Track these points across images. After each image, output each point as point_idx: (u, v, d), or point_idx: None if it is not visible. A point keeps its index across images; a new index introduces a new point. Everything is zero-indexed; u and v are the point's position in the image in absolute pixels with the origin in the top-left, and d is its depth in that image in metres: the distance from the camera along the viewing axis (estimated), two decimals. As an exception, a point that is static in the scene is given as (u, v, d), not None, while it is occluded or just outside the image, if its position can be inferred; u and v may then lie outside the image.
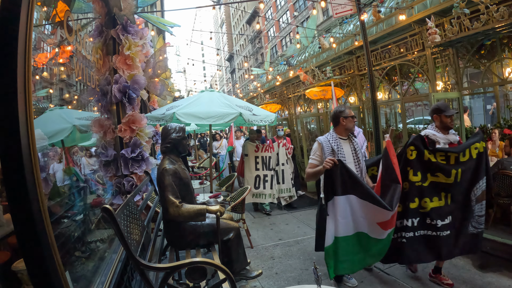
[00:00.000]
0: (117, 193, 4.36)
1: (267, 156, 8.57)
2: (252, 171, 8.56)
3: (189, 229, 3.97)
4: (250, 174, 8.57)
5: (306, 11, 37.66)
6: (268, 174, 8.55)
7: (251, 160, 8.55)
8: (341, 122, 4.28)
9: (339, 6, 9.15)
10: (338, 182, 3.78)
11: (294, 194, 9.01)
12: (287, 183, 8.87)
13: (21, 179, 1.64)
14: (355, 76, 9.75)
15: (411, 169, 4.07)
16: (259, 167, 8.57)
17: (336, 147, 4.19)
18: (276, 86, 16.03)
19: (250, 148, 8.61)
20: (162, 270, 2.79)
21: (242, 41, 65.69)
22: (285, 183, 8.85)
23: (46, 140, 2.77)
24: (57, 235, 2.58)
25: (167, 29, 5.48)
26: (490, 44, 6.42)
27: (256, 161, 8.54)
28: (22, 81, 1.65)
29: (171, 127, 4.19)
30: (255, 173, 8.54)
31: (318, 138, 4.37)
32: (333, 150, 4.17)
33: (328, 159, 3.81)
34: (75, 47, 3.53)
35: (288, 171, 8.89)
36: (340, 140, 4.29)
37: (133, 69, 4.46)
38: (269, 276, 4.88)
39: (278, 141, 8.86)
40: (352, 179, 3.81)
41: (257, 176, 8.54)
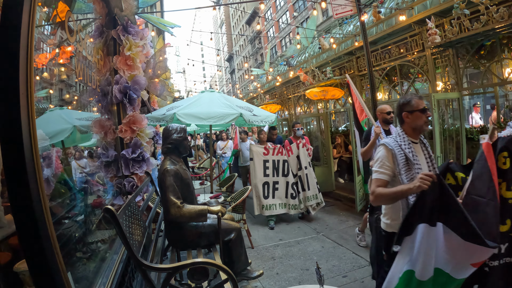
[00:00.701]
0: (118, 194, 4.36)
1: (280, 160, 7.54)
2: (259, 177, 7.44)
3: (190, 230, 3.97)
4: (256, 181, 7.45)
5: (306, 11, 37.65)
6: (279, 181, 7.52)
7: (257, 165, 7.46)
8: (404, 119, 3.00)
9: (339, 6, 9.14)
10: (430, 207, 2.53)
11: (322, 200, 7.79)
12: (312, 188, 7.66)
13: (23, 179, 1.64)
14: (355, 76, 9.76)
15: (503, 181, 2.89)
16: (269, 172, 7.49)
17: (411, 155, 2.87)
18: (276, 87, 16.05)
19: (256, 151, 7.53)
20: (164, 270, 2.79)
21: (241, 41, 65.70)
22: (311, 189, 7.64)
23: (48, 141, 2.77)
24: (59, 235, 2.58)
25: (168, 30, 5.49)
26: (490, 44, 6.43)
27: (265, 166, 7.48)
28: (24, 82, 1.65)
29: (172, 127, 4.19)
30: (263, 179, 7.46)
31: (384, 141, 3.00)
32: (408, 158, 2.87)
33: (423, 174, 2.47)
34: (76, 48, 3.53)
35: (312, 175, 7.73)
36: (412, 144, 2.98)
37: (134, 69, 4.47)
38: (270, 276, 4.88)
39: (296, 142, 7.69)
40: (449, 203, 2.50)
41: (265, 183, 7.47)
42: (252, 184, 7.43)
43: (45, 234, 1.74)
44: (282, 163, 7.53)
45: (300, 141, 7.69)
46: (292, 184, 7.53)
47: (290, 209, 7.52)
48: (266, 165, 7.46)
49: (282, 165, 7.54)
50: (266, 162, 7.46)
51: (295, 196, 7.51)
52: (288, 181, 7.53)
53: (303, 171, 7.62)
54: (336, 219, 7.49)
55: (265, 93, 17.71)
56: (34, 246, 1.72)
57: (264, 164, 7.45)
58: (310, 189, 7.60)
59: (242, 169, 10.50)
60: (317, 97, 10.50)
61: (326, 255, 5.53)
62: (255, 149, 7.54)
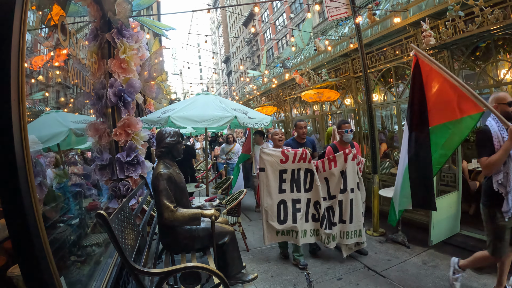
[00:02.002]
0: (113, 197, 4.35)
1: (301, 169, 5.38)
2: (274, 194, 5.29)
3: (184, 233, 3.97)
4: (270, 199, 5.28)
5: (302, 13, 37.73)
6: (301, 198, 5.33)
7: (272, 178, 5.29)
8: None
9: (334, 9, 9.16)
10: None
11: (364, 240, 5.50)
12: (356, 221, 5.36)
13: (15, 184, 1.65)
14: (351, 78, 9.78)
15: None
16: (286, 187, 5.32)
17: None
18: (272, 89, 16.06)
19: (270, 159, 5.31)
20: (156, 275, 2.78)
21: (238, 43, 65.73)
22: (354, 222, 5.34)
23: (41, 145, 2.76)
24: (52, 240, 2.58)
25: (162, 33, 5.48)
26: (485, 46, 6.45)
27: (281, 178, 5.33)
28: (15, 88, 1.66)
29: (166, 131, 4.20)
30: (279, 197, 5.29)
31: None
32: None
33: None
34: (70, 51, 3.53)
35: (359, 201, 5.41)
36: None
37: (128, 72, 4.46)
38: (265, 279, 4.89)
39: (344, 151, 5.37)
40: None
41: (282, 203, 5.30)
42: (263, 204, 5.34)
43: (37, 239, 1.75)
44: (304, 174, 5.39)
45: (350, 151, 5.36)
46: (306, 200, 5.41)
47: (326, 240, 5.32)
48: (283, 176, 5.33)
49: (304, 176, 5.40)
50: (283, 172, 5.32)
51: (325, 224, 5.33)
52: (309, 198, 5.40)
53: (348, 194, 5.32)
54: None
55: (261, 95, 17.72)
56: (26, 251, 1.72)
57: (281, 176, 5.32)
58: (353, 222, 5.36)
59: (255, 180, 8.83)
60: (312, 99, 10.50)
61: (321, 257, 5.54)
62: (268, 155, 5.33)
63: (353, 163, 5.36)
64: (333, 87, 10.50)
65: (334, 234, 5.30)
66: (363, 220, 5.41)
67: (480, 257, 3.90)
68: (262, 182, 5.34)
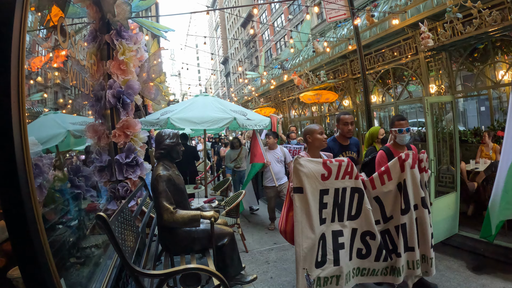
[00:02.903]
0: (112, 199, 4.35)
1: (347, 189, 3.67)
2: (316, 226, 3.46)
3: (183, 235, 3.97)
4: (312, 234, 3.43)
5: (300, 14, 37.70)
6: (344, 229, 3.65)
7: (312, 201, 3.47)
8: None
9: (332, 10, 9.18)
10: None
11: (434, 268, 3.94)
12: (424, 244, 3.89)
13: (15, 186, 1.65)
14: (349, 80, 9.81)
15: None
16: (327, 214, 3.57)
17: None
18: (271, 90, 16.10)
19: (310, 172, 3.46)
20: (156, 276, 2.78)
21: (236, 44, 65.74)
22: (422, 245, 3.88)
23: (40, 146, 2.76)
24: (52, 241, 2.57)
25: (161, 34, 5.49)
26: (483, 47, 6.48)
27: (322, 202, 3.55)
28: (15, 90, 1.66)
29: (165, 133, 4.20)
30: (320, 230, 3.50)
31: None
32: None
33: None
34: (69, 52, 3.53)
35: (427, 220, 3.89)
36: None
37: (127, 74, 4.47)
38: (264, 281, 4.88)
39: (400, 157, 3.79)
40: None
41: (322, 237, 3.53)
42: (299, 243, 3.37)
43: (37, 241, 1.75)
44: (349, 195, 3.68)
45: (407, 154, 3.78)
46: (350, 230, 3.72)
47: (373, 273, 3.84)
48: (324, 199, 3.56)
49: (350, 198, 3.70)
50: (324, 194, 3.56)
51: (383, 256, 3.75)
52: (355, 228, 3.74)
53: (412, 214, 3.79)
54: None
55: (259, 96, 17.74)
56: (26, 252, 1.72)
57: (321, 199, 3.54)
58: (420, 246, 3.88)
59: (269, 191, 7.37)
60: (311, 101, 10.54)
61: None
62: (307, 168, 3.45)
63: (413, 172, 3.84)
64: (331, 89, 10.54)
65: (400, 267, 3.75)
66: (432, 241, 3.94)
67: None
68: (299, 211, 3.39)
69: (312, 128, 3.96)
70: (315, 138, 3.91)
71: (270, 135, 7.60)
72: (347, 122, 4.73)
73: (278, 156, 7.37)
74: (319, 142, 3.90)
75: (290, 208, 3.75)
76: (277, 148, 7.54)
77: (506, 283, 4.23)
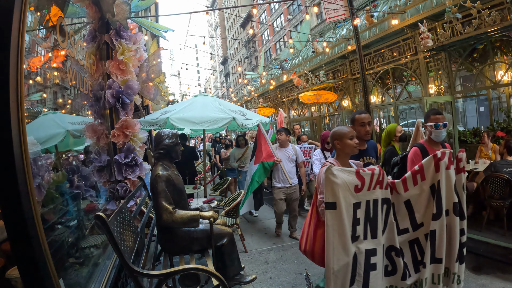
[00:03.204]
0: (111, 199, 4.34)
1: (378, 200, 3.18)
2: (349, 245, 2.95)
3: (182, 235, 3.97)
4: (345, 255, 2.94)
5: (300, 14, 37.69)
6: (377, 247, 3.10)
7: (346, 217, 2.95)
8: None
9: (332, 10, 9.18)
10: None
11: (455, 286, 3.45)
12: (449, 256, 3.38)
13: (14, 186, 1.64)
14: (349, 80, 9.82)
15: None
16: (360, 231, 3.05)
17: None
18: (270, 90, 16.11)
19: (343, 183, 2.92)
20: (155, 277, 2.78)
21: (236, 44, 65.74)
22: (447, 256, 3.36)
23: (38, 146, 2.76)
24: (51, 241, 2.57)
25: (160, 34, 5.48)
26: (482, 47, 6.49)
27: (355, 218, 3.03)
28: (14, 90, 1.65)
29: (164, 133, 4.20)
30: (352, 249, 2.98)
31: None
32: None
33: None
34: (69, 52, 3.53)
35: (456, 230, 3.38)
36: None
37: (127, 74, 4.46)
38: (263, 281, 4.88)
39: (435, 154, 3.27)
40: None
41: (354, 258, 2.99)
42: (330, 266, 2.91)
43: (36, 241, 1.74)
44: (380, 207, 3.19)
45: (443, 152, 3.27)
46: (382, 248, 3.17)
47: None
48: (357, 214, 3.06)
49: (381, 210, 3.19)
50: (357, 207, 3.07)
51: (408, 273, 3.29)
52: (384, 244, 3.19)
53: (443, 221, 3.28)
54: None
55: (259, 97, 17.75)
56: (25, 252, 1.72)
57: (354, 214, 3.05)
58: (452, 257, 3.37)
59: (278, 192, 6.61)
60: (310, 101, 10.54)
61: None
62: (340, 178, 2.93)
63: (448, 173, 3.31)
64: (331, 89, 10.55)
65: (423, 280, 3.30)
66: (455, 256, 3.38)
67: None
68: (331, 230, 2.90)
69: (341, 132, 3.35)
70: (345, 144, 3.33)
71: (282, 131, 6.83)
72: (364, 122, 4.06)
73: (289, 155, 6.63)
74: (350, 148, 3.33)
75: (318, 225, 3.21)
76: (289, 146, 6.83)
77: (505, 283, 4.24)
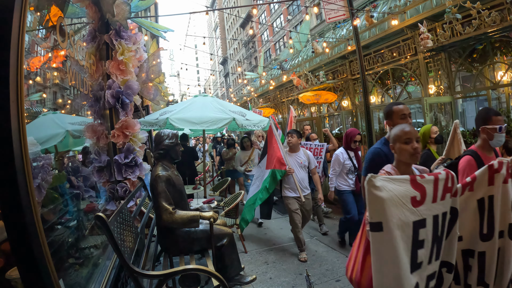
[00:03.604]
0: (111, 199, 4.34)
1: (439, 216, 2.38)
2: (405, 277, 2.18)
3: (182, 235, 3.97)
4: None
5: (299, 14, 37.71)
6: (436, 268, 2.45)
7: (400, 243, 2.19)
8: None
9: (332, 11, 9.19)
10: None
11: None
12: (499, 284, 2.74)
13: (14, 186, 1.64)
14: (348, 80, 9.81)
15: None
16: (423, 256, 2.29)
17: None
18: (270, 90, 16.11)
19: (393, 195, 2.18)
20: (156, 277, 2.78)
21: (236, 44, 65.75)
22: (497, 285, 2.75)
23: (38, 146, 2.75)
24: (50, 242, 2.56)
25: (160, 34, 5.48)
26: (482, 48, 6.49)
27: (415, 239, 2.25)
28: (14, 89, 1.65)
29: (164, 133, 4.20)
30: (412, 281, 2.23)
31: None
32: None
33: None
34: (68, 52, 3.52)
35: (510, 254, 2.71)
36: None
37: (126, 74, 4.45)
38: (263, 281, 4.87)
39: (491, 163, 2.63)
40: None
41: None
42: None
43: (36, 241, 1.74)
44: (448, 221, 2.50)
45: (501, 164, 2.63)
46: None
47: None
48: (420, 235, 2.27)
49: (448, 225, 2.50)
50: (419, 227, 2.27)
51: None
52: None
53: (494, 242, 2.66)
54: (329, 223, 7.44)
55: (258, 97, 17.75)
56: (25, 253, 1.72)
57: (415, 235, 2.25)
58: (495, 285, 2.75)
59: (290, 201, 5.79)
60: (310, 101, 10.54)
61: (319, 259, 5.53)
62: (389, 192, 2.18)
63: (506, 188, 2.65)
64: (330, 89, 10.54)
65: None
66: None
67: None
68: (377, 256, 2.24)
69: (395, 134, 2.69)
70: (399, 149, 2.65)
71: (293, 133, 6.00)
72: (405, 114, 3.31)
73: (301, 161, 5.91)
74: (404, 155, 2.61)
75: (368, 250, 2.44)
76: (300, 150, 6.07)
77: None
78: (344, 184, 5.87)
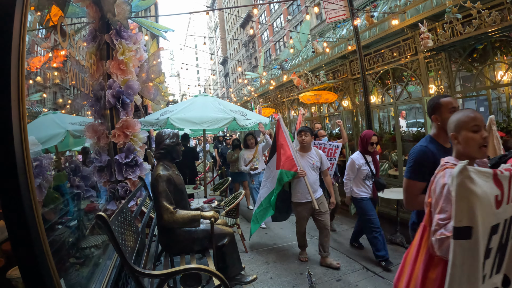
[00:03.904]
0: (111, 199, 4.34)
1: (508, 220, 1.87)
2: None
3: (183, 235, 3.97)
4: None
5: (300, 14, 37.71)
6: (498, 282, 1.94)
7: (481, 248, 1.72)
8: None
9: (332, 11, 9.18)
10: None
11: None
12: None
13: (15, 186, 1.64)
14: (349, 80, 9.80)
15: None
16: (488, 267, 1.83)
17: None
18: (270, 90, 16.08)
19: (484, 193, 1.71)
20: (157, 276, 2.78)
21: (236, 44, 65.74)
22: None
23: (39, 146, 2.76)
24: (51, 241, 2.57)
25: (161, 34, 5.48)
26: (482, 48, 6.48)
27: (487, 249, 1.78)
28: (15, 89, 1.65)
29: (165, 133, 4.20)
30: None
31: None
32: None
33: None
34: (69, 52, 3.52)
35: None
36: None
37: (127, 74, 4.46)
38: (264, 281, 4.87)
39: None
40: None
41: None
42: None
43: (37, 241, 1.74)
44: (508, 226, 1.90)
45: None
46: None
47: None
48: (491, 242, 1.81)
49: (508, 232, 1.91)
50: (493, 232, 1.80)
51: None
52: None
53: None
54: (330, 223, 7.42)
55: (259, 97, 17.74)
56: (26, 252, 1.72)
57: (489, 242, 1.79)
58: None
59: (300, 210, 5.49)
60: (310, 101, 10.53)
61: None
62: (482, 188, 1.71)
63: None
64: (331, 89, 10.53)
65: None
66: None
67: None
68: (460, 271, 1.72)
69: (458, 119, 2.25)
70: (464, 139, 2.20)
71: (307, 131, 5.51)
72: (455, 107, 2.83)
73: (313, 162, 5.46)
74: (472, 147, 2.18)
75: (431, 264, 2.06)
76: (312, 150, 5.63)
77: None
78: (360, 191, 5.40)
